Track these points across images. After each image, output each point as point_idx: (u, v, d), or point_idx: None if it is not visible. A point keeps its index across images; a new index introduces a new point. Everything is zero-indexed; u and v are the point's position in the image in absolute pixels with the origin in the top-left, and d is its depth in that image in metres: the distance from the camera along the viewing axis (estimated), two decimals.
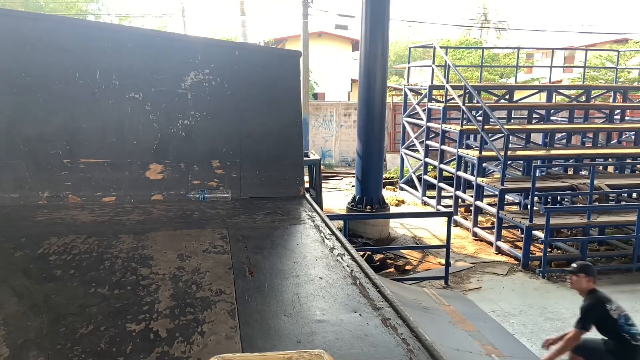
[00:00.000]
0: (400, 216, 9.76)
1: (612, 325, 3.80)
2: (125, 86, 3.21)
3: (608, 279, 6.86)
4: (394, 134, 15.89)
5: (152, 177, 3.27)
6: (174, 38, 3.92)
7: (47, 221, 2.71)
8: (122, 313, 1.68)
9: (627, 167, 9.89)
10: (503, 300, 6.13)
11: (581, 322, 3.89)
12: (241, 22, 17.46)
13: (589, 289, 4.00)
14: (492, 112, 8.56)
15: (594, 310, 3.87)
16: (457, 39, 28.55)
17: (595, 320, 3.86)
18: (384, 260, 7.38)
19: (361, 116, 8.85)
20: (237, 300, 1.82)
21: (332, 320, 1.70)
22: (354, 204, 8.95)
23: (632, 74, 18.33)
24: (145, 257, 2.21)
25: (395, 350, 1.53)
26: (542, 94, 11.85)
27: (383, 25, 8.46)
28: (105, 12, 23.71)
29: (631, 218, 7.28)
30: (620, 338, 3.76)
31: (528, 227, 7.14)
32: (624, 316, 3.82)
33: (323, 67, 24.16)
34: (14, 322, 1.60)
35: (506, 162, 8.03)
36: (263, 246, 2.43)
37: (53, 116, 3.12)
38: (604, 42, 27.46)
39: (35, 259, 2.13)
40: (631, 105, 11.74)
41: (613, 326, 3.79)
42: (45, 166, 3.09)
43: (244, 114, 3.44)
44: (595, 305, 3.88)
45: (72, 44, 3.15)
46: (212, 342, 1.53)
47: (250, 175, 3.44)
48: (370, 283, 2.04)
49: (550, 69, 12.62)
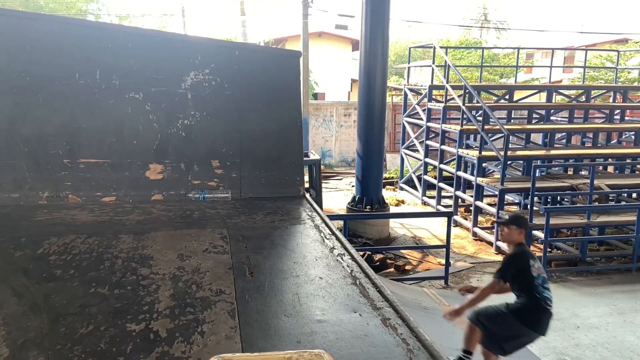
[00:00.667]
0: (400, 216, 9.76)
1: (528, 281, 3.64)
2: (125, 86, 3.21)
3: (608, 279, 6.85)
4: (394, 134, 15.89)
5: (152, 177, 3.27)
6: (174, 38, 3.92)
7: (47, 221, 2.71)
8: (122, 313, 1.68)
9: (627, 167, 9.89)
10: (503, 300, 6.12)
11: (501, 272, 3.76)
12: (241, 22, 17.46)
13: (518, 242, 3.84)
14: (492, 112, 8.56)
15: (517, 262, 3.72)
16: (457, 39, 28.55)
17: (514, 272, 3.71)
18: (384, 260, 7.38)
19: (361, 116, 8.85)
20: (237, 300, 1.82)
21: (332, 320, 1.70)
22: (354, 204, 8.95)
23: (632, 74, 18.33)
24: (145, 257, 2.21)
25: (395, 350, 1.53)
26: (542, 94, 11.85)
27: (383, 25, 8.46)
28: (105, 12, 23.71)
29: (631, 218, 7.28)
30: (532, 297, 3.62)
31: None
32: (543, 277, 3.69)
33: (323, 67, 24.16)
34: (14, 322, 1.60)
35: (506, 162, 8.03)
36: (263, 246, 2.43)
37: (53, 116, 3.12)
38: (604, 42, 27.46)
39: (35, 259, 2.13)
40: (631, 105, 11.74)
41: (529, 283, 3.64)
42: (45, 166, 3.09)
43: (244, 114, 3.44)
44: (519, 257, 3.74)
45: (72, 44, 3.15)
46: (212, 342, 1.53)
47: (250, 175, 3.44)
48: (370, 283, 2.04)
49: (550, 69, 12.62)
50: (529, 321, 3.64)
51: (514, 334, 3.71)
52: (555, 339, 5.14)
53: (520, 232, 3.83)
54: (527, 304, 3.63)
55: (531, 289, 3.63)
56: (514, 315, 3.65)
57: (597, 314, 5.77)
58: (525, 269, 3.67)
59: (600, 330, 5.37)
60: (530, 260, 3.70)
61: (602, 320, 5.61)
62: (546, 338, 5.15)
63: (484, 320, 3.75)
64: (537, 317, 3.65)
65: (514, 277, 3.72)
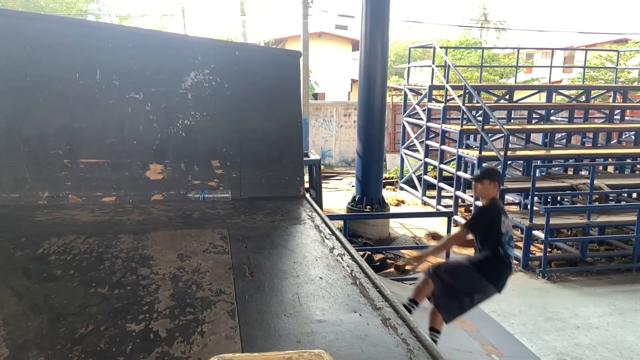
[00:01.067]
0: (400, 216, 9.76)
1: (496, 236, 3.58)
2: (125, 86, 3.21)
3: (608, 279, 6.85)
4: (394, 134, 15.88)
5: (152, 177, 3.27)
6: (174, 38, 3.92)
7: (47, 221, 2.71)
8: (122, 313, 1.68)
9: (627, 167, 9.89)
10: (503, 300, 6.12)
11: (471, 223, 3.71)
12: (241, 22, 17.45)
13: (492, 196, 3.75)
14: (492, 112, 8.56)
15: (489, 214, 3.66)
16: (457, 39, 28.55)
17: (485, 224, 3.65)
18: (384, 260, 7.38)
19: (361, 116, 8.85)
20: (237, 300, 1.82)
21: (332, 320, 1.70)
22: (354, 204, 8.95)
23: (632, 74, 18.33)
24: (145, 257, 2.21)
25: (395, 350, 1.53)
26: (542, 94, 11.85)
27: (383, 25, 8.46)
28: (105, 12, 23.73)
29: (631, 218, 7.28)
30: (496, 252, 3.58)
31: (528, 227, 7.14)
32: (510, 235, 3.64)
33: (323, 67, 24.16)
34: (14, 322, 1.60)
35: (506, 162, 8.03)
36: (263, 246, 2.43)
37: (53, 116, 3.12)
38: (604, 42, 27.46)
39: (35, 259, 2.13)
40: (631, 105, 11.74)
41: (496, 238, 3.58)
42: (45, 166, 3.08)
43: (244, 114, 3.44)
44: (492, 210, 3.68)
45: (72, 44, 3.15)
46: (212, 342, 1.53)
47: (250, 175, 3.44)
48: (370, 283, 2.04)
49: (550, 69, 12.62)
50: (490, 274, 3.59)
51: (472, 287, 3.64)
52: (555, 339, 5.14)
53: (494, 186, 3.73)
54: (491, 257, 3.59)
55: (497, 244, 3.58)
56: (476, 267, 3.61)
57: (597, 314, 5.77)
58: (495, 222, 3.60)
59: (600, 330, 5.37)
60: (502, 215, 3.64)
61: (602, 320, 5.61)
62: (546, 338, 5.17)
63: (442, 273, 3.67)
64: (499, 271, 3.61)
65: (483, 230, 3.66)
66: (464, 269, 3.65)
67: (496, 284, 3.61)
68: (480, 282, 3.59)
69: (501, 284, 3.63)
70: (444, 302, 3.68)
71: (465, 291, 3.67)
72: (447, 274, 3.66)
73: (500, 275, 3.62)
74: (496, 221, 3.61)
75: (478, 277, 3.59)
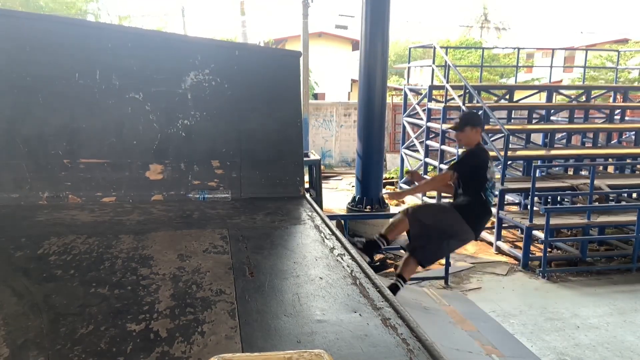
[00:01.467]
0: None
1: (480, 181, 3.53)
2: (125, 86, 3.20)
3: (608, 279, 6.85)
4: (394, 134, 15.88)
5: (152, 177, 3.27)
6: (174, 38, 3.92)
7: (47, 221, 2.71)
8: (122, 313, 1.68)
9: (627, 167, 9.89)
10: (503, 300, 6.13)
11: (458, 165, 3.62)
12: (241, 22, 17.46)
13: (477, 142, 3.66)
14: (492, 112, 8.56)
15: (478, 157, 3.59)
16: (457, 39, 28.55)
17: (472, 168, 3.57)
18: (384, 260, 7.38)
19: (361, 116, 8.84)
20: (237, 300, 1.82)
21: (332, 320, 1.70)
22: (354, 204, 8.95)
23: (632, 74, 18.33)
24: (146, 257, 2.21)
25: (395, 350, 1.53)
26: (542, 94, 11.85)
27: (383, 25, 8.46)
28: (105, 12, 23.70)
29: (631, 218, 7.28)
30: (479, 198, 3.54)
31: (528, 227, 7.13)
32: (493, 182, 3.62)
33: (323, 67, 24.16)
34: (14, 322, 1.60)
35: (506, 162, 8.03)
36: (263, 246, 2.43)
37: (53, 116, 3.11)
38: (604, 42, 27.46)
39: (35, 259, 2.13)
40: (631, 105, 11.73)
41: (481, 183, 3.53)
42: (45, 166, 3.08)
43: (244, 114, 3.44)
44: (480, 154, 3.61)
45: (72, 44, 3.15)
46: (212, 342, 1.53)
47: (250, 175, 3.44)
48: (370, 283, 2.04)
49: (550, 69, 12.62)
50: (472, 218, 3.56)
51: (452, 230, 3.59)
52: (555, 339, 5.14)
53: (476, 132, 3.64)
54: (473, 202, 3.55)
55: (480, 190, 3.54)
56: (458, 210, 3.56)
57: (597, 314, 5.77)
58: (482, 167, 3.56)
59: (600, 330, 5.37)
60: (489, 161, 3.60)
61: (602, 320, 5.61)
62: (546, 338, 5.17)
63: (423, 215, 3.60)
64: (480, 215, 3.59)
65: (469, 174, 3.59)
66: (447, 210, 3.60)
67: (475, 228, 3.58)
68: (461, 225, 3.54)
69: (480, 229, 3.63)
70: (421, 244, 3.61)
71: (444, 234, 3.61)
72: (427, 216, 3.60)
73: (481, 220, 3.60)
74: (483, 166, 3.55)
75: (460, 221, 3.53)
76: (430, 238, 3.60)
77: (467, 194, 3.58)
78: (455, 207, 3.58)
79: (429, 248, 3.62)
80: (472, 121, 3.65)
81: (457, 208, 3.57)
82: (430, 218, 3.59)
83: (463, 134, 3.63)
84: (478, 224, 3.60)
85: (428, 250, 3.62)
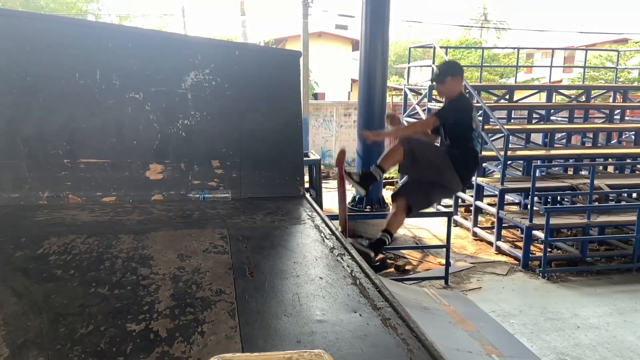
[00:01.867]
0: None
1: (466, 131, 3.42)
2: (125, 86, 3.20)
3: (608, 279, 6.86)
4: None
5: (152, 177, 3.27)
6: (174, 38, 3.92)
7: (47, 221, 2.71)
8: (122, 313, 1.68)
9: (627, 167, 9.89)
10: (503, 300, 6.13)
11: (442, 111, 3.50)
12: (241, 22, 17.46)
13: (459, 92, 3.52)
14: (492, 112, 8.56)
15: (461, 104, 3.47)
16: (457, 39, 28.55)
17: (456, 115, 3.44)
18: (384, 260, 7.38)
19: (361, 116, 8.84)
20: (237, 300, 1.82)
21: (332, 320, 1.70)
22: (354, 204, 8.95)
23: (632, 74, 18.33)
24: (145, 257, 2.21)
25: (395, 350, 1.53)
26: (542, 94, 11.84)
27: (383, 25, 8.46)
28: (105, 12, 23.74)
29: (631, 218, 7.28)
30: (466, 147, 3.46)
31: (528, 227, 7.14)
32: (479, 132, 3.51)
33: (323, 67, 24.15)
34: (14, 322, 1.60)
35: (506, 162, 8.03)
36: (263, 246, 2.43)
37: (53, 116, 3.11)
38: (604, 42, 27.47)
39: (35, 259, 2.13)
40: (631, 105, 11.73)
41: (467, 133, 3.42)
42: (45, 166, 3.08)
43: (244, 114, 3.44)
44: (463, 101, 3.49)
45: (72, 44, 3.14)
46: (212, 342, 1.53)
47: (250, 175, 3.44)
48: (370, 283, 2.04)
49: (550, 69, 12.61)
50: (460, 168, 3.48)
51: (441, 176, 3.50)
52: (555, 339, 5.15)
53: (457, 81, 3.53)
54: (461, 152, 3.47)
55: (467, 140, 3.46)
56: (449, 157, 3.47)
57: (597, 314, 5.77)
58: (467, 114, 3.46)
59: (600, 330, 5.37)
60: (472, 110, 3.50)
61: (602, 320, 5.61)
62: (546, 338, 5.17)
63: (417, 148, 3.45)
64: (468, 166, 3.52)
65: (454, 122, 3.48)
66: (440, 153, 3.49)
67: (463, 178, 3.52)
68: (450, 172, 3.47)
69: (467, 180, 3.56)
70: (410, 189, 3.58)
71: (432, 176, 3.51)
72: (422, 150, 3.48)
73: (469, 170, 3.53)
74: (467, 113, 3.45)
75: (450, 167, 3.45)
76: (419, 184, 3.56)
77: (454, 144, 3.49)
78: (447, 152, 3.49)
79: (418, 192, 3.57)
80: (452, 71, 3.54)
81: (449, 155, 3.48)
82: (424, 154, 3.47)
83: (444, 86, 3.52)
84: (466, 175, 3.53)
85: (416, 194, 3.57)
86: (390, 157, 3.54)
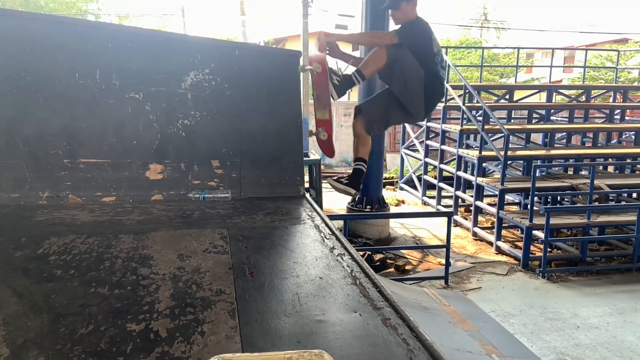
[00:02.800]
0: (400, 216, 9.76)
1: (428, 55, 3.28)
2: (125, 86, 3.20)
3: (608, 279, 6.86)
4: (394, 134, 15.88)
5: (152, 177, 3.27)
6: (174, 38, 3.91)
7: (47, 221, 2.71)
8: (122, 313, 1.68)
9: (627, 167, 9.90)
10: (503, 300, 6.13)
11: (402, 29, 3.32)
12: (241, 22, 17.47)
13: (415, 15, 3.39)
14: (492, 112, 8.56)
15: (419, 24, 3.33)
16: (457, 39, 28.54)
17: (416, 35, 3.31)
18: (384, 260, 7.39)
19: None
20: (237, 300, 1.82)
21: (332, 320, 1.70)
22: (354, 204, 8.95)
23: (632, 74, 18.33)
24: (145, 257, 2.21)
25: (395, 350, 1.53)
26: (542, 94, 11.85)
27: (383, 25, 8.47)
28: (105, 12, 23.74)
29: (631, 218, 7.28)
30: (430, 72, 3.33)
31: (528, 227, 7.14)
32: (441, 57, 3.40)
33: None
34: (14, 322, 1.60)
35: (506, 162, 8.03)
36: (263, 246, 2.43)
37: (53, 116, 3.11)
38: (604, 42, 27.46)
39: (35, 259, 2.13)
40: (631, 105, 11.74)
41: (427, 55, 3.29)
42: (45, 166, 3.08)
43: (244, 114, 3.44)
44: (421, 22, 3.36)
45: (72, 44, 3.14)
46: (212, 342, 1.53)
47: (250, 175, 3.44)
48: (370, 283, 2.04)
49: (550, 69, 12.62)
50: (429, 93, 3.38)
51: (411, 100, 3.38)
52: (555, 339, 5.15)
53: (412, 5, 3.40)
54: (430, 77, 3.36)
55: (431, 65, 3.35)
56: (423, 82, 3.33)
57: (597, 314, 5.77)
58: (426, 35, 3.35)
59: (600, 330, 5.37)
60: (431, 33, 3.38)
61: (602, 320, 5.61)
62: (546, 338, 5.17)
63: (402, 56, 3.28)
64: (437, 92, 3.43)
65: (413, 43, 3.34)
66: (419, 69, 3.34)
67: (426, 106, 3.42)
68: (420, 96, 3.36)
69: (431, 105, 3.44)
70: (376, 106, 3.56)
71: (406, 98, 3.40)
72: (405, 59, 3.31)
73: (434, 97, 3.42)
74: (427, 34, 3.35)
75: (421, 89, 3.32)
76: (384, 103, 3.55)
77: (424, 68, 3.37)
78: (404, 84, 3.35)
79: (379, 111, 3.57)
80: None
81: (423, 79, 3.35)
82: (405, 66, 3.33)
83: (399, 11, 3.41)
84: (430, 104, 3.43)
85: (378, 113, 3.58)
86: (372, 62, 3.39)
